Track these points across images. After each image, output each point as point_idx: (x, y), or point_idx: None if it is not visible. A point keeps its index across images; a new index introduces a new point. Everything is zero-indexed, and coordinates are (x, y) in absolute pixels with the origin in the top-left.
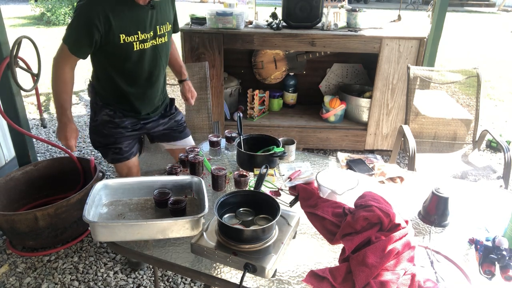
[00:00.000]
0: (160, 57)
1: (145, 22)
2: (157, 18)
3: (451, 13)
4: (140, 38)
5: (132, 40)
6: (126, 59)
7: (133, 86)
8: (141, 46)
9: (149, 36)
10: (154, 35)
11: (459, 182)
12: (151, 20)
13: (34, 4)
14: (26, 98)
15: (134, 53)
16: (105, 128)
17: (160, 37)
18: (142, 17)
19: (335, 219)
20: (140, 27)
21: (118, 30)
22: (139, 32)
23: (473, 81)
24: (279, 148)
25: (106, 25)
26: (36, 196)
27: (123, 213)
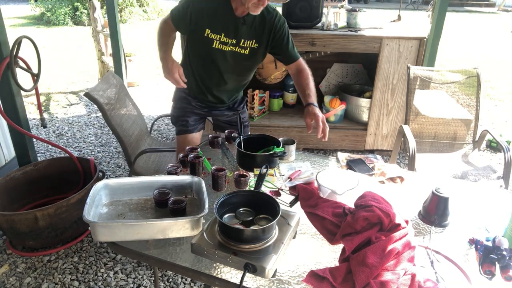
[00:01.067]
0: (235, 64)
1: (232, 29)
2: (245, 32)
3: (451, 13)
4: (222, 40)
5: (214, 37)
6: (206, 52)
7: (205, 79)
8: (220, 46)
9: (231, 42)
10: (236, 43)
11: (459, 182)
12: (238, 30)
13: (34, 4)
14: (26, 98)
15: (213, 49)
16: (179, 102)
17: (242, 48)
18: (232, 24)
19: (335, 219)
20: (226, 30)
21: (207, 25)
22: (222, 34)
23: (473, 81)
24: (279, 148)
25: (199, 16)
26: (36, 196)
27: (123, 213)
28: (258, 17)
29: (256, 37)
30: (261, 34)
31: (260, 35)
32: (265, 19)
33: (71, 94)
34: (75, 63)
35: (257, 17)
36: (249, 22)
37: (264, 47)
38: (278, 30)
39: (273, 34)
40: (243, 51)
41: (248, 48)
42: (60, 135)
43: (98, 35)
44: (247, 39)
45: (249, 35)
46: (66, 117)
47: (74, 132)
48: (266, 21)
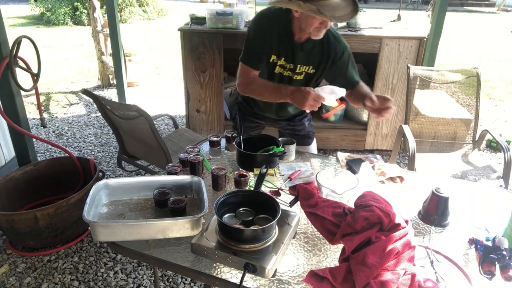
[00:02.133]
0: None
1: (291, 54)
2: (302, 57)
3: (451, 13)
4: (281, 64)
5: (277, 62)
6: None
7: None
8: (280, 71)
9: (289, 67)
10: (293, 69)
11: (459, 182)
12: (296, 56)
13: (34, 4)
14: (26, 98)
15: (274, 74)
16: (238, 105)
17: (297, 74)
18: (290, 49)
19: (335, 219)
20: (285, 55)
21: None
22: (283, 58)
23: (473, 81)
24: (279, 148)
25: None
26: (36, 196)
27: (123, 213)
28: (318, 43)
29: (313, 63)
30: (320, 61)
31: (319, 62)
32: (327, 46)
33: (71, 94)
34: (75, 63)
35: (317, 43)
36: (308, 48)
37: (320, 73)
38: (339, 59)
39: (331, 62)
40: (298, 77)
41: (303, 73)
42: (60, 135)
43: (98, 35)
44: (303, 64)
45: (306, 61)
46: (66, 117)
47: (74, 132)
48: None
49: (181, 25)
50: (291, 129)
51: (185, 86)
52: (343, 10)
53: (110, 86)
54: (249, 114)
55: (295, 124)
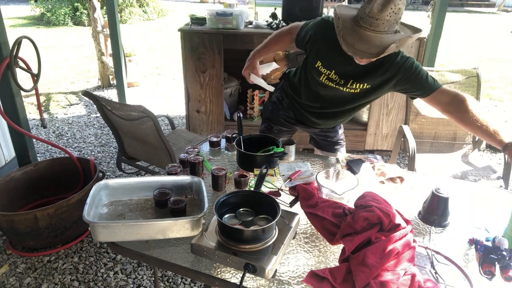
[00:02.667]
0: (337, 102)
1: (345, 69)
2: (356, 73)
3: (451, 13)
4: (330, 77)
5: (323, 71)
6: (313, 79)
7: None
8: (326, 82)
9: (339, 81)
10: (344, 84)
11: (459, 182)
12: (348, 71)
13: (34, 4)
14: (26, 98)
15: (319, 82)
16: (272, 105)
17: (350, 88)
18: (346, 65)
19: (335, 219)
20: (337, 69)
21: (320, 57)
22: (333, 71)
23: (473, 81)
24: (279, 148)
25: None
26: (36, 196)
27: (123, 213)
28: (384, 65)
29: (369, 80)
30: (379, 81)
31: (378, 82)
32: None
33: (71, 94)
34: (75, 63)
35: (383, 65)
36: (368, 67)
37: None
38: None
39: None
40: (351, 90)
41: (359, 89)
42: (60, 135)
43: (98, 35)
44: (357, 81)
45: (361, 78)
46: (66, 117)
47: (74, 132)
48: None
49: (181, 26)
50: (324, 136)
51: (185, 86)
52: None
53: (110, 86)
54: (283, 117)
55: (328, 131)
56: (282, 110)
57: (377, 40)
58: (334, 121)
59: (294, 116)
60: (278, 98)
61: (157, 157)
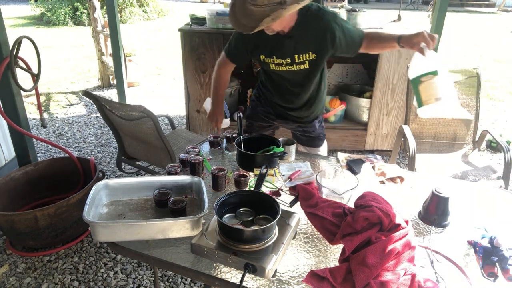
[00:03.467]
0: (296, 81)
1: (282, 49)
2: (295, 47)
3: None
4: (275, 62)
5: (268, 61)
6: (270, 72)
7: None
8: (276, 68)
9: (285, 62)
10: (291, 62)
11: (459, 182)
12: (289, 49)
13: (34, 4)
14: (26, 98)
15: (272, 71)
16: (251, 103)
17: (299, 64)
18: (280, 44)
19: (335, 219)
20: (276, 53)
21: (261, 51)
22: (274, 57)
23: (473, 81)
24: (279, 148)
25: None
26: (36, 196)
27: (123, 213)
28: (305, 28)
29: (312, 48)
30: (317, 43)
31: (317, 45)
32: (314, 26)
33: (71, 94)
34: (75, 63)
35: (304, 28)
36: (299, 35)
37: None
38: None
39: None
40: (301, 66)
41: (306, 61)
42: (60, 135)
43: (98, 35)
44: (301, 53)
45: (302, 48)
46: (66, 117)
47: (74, 132)
48: (317, 26)
49: (181, 25)
50: (302, 131)
51: (185, 86)
52: (248, 21)
53: (110, 86)
54: (262, 113)
55: (306, 126)
56: (261, 107)
57: (259, 15)
58: (307, 109)
59: (273, 111)
60: (256, 95)
61: (157, 157)
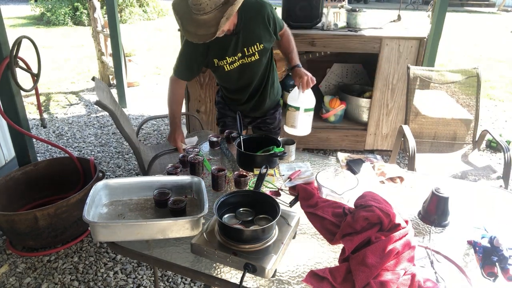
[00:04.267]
0: (250, 73)
1: (231, 47)
2: (243, 42)
3: (451, 13)
4: (229, 61)
5: (222, 64)
6: (222, 75)
7: (232, 93)
8: (231, 67)
9: (237, 57)
10: (242, 56)
11: (459, 182)
12: (237, 45)
13: (34, 4)
14: (26, 98)
15: (227, 72)
16: (217, 105)
17: (249, 56)
18: (229, 44)
19: (335, 219)
20: (228, 52)
21: (211, 57)
22: (226, 57)
23: (473, 81)
24: (279, 148)
25: (203, 55)
26: (36, 196)
27: (123, 213)
28: (247, 21)
29: (256, 39)
30: (258, 32)
31: (258, 34)
32: (254, 17)
33: (71, 94)
34: (75, 63)
35: (247, 22)
36: (244, 30)
37: (269, 42)
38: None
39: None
40: (252, 58)
41: (256, 52)
42: (60, 135)
43: (98, 35)
44: (249, 46)
45: (249, 41)
46: (66, 117)
47: (74, 132)
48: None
49: None
50: (264, 122)
51: (185, 86)
52: (206, 29)
53: (110, 86)
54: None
55: (268, 118)
56: (226, 107)
57: (212, 20)
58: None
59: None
60: (220, 100)
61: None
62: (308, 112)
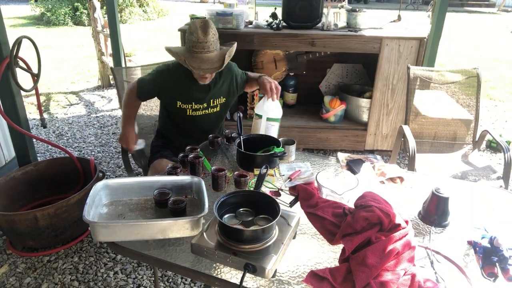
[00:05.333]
0: (209, 123)
1: (200, 96)
2: (212, 94)
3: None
4: (193, 107)
5: (186, 107)
6: (182, 118)
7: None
8: (193, 113)
9: (202, 106)
10: (207, 106)
11: (459, 182)
12: (207, 95)
13: (34, 4)
14: (26, 98)
15: (187, 116)
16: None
17: (213, 107)
18: (199, 92)
19: (335, 219)
20: (195, 99)
21: (176, 98)
22: (193, 103)
23: (473, 81)
24: (279, 148)
25: (166, 91)
26: (36, 196)
27: (123, 213)
28: (222, 76)
29: (222, 93)
30: (227, 88)
31: (227, 90)
32: (225, 73)
33: (71, 94)
34: (75, 63)
35: (221, 76)
36: (214, 83)
37: (233, 97)
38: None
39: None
40: (215, 109)
41: (218, 105)
42: (60, 135)
43: (98, 35)
44: (216, 98)
45: (217, 94)
46: (66, 117)
47: (74, 132)
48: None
49: (182, 25)
50: None
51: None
52: (211, 64)
53: (110, 86)
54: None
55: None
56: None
57: (215, 57)
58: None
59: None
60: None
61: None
62: (271, 121)
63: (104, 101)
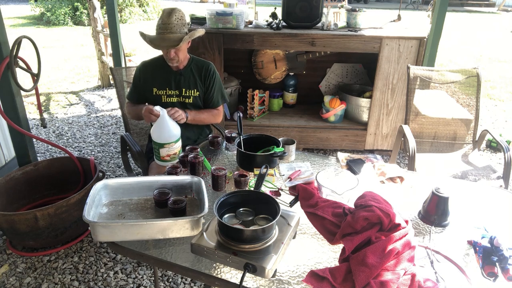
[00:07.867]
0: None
1: (172, 82)
2: (183, 82)
3: (451, 13)
4: (167, 93)
5: (161, 93)
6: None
7: None
8: (168, 100)
9: (174, 93)
10: (179, 94)
11: (459, 182)
12: (178, 82)
13: (34, 4)
14: (26, 98)
15: (162, 104)
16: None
17: (185, 97)
18: (171, 77)
19: (335, 219)
20: (168, 85)
21: (152, 85)
22: (167, 88)
23: (473, 81)
24: (279, 148)
25: (143, 81)
26: (36, 196)
27: (123, 213)
28: (195, 69)
29: (194, 86)
30: (199, 83)
31: (196, 83)
32: (200, 69)
33: (71, 94)
34: (75, 63)
35: (194, 69)
36: (187, 74)
37: (204, 93)
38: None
39: (207, 81)
40: (187, 100)
41: (191, 97)
42: (60, 135)
43: (98, 35)
44: (188, 89)
45: (190, 85)
46: (66, 117)
47: (74, 132)
48: (201, 70)
49: None
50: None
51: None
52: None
53: (110, 86)
54: None
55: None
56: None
57: (176, 38)
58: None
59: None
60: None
61: None
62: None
63: (104, 101)
